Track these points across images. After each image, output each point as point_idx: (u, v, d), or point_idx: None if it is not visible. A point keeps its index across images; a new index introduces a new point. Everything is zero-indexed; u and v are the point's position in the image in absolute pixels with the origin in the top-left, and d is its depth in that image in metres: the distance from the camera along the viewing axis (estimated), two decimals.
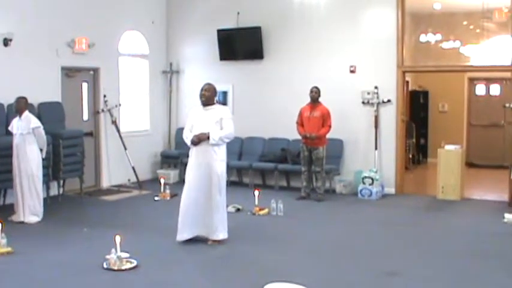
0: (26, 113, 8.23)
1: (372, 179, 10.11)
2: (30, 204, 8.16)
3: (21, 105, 8.21)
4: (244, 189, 10.66)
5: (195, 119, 7.15)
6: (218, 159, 7.02)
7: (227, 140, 7.10)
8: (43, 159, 8.40)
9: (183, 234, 7.06)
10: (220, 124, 7.01)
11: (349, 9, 10.72)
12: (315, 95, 9.81)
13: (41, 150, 8.30)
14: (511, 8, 9.87)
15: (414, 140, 14.10)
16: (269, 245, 7.18)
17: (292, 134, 10.25)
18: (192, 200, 7.02)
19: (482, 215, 9.02)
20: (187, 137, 7.11)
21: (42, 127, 8.29)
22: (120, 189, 10.90)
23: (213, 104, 7.15)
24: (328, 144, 9.88)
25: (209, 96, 7.10)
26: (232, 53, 11.71)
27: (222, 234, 7.07)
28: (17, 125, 8.20)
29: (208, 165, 6.96)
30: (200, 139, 6.94)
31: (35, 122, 8.24)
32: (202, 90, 7.13)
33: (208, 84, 7.23)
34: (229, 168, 11.15)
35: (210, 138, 6.91)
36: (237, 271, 6.15)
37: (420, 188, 11.47)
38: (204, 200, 6.98)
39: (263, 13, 11.38)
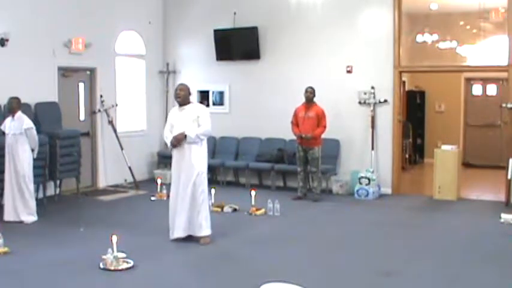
0: (19, 113, 8.22)
1: (369, 179, 10.12)
2: (24, 204, 8.15)
3: (13, 106, 8.20)
4: (241, 189, 10.67)
5: (173, 119, 7.22)
6: (198, 157, 7.06)
7: (204, 137, 7.14)
8: (34, 160, 8.39)
9: (174, 233, 7.16)
10: (197, 122, 7.06)
11: (345, 9, 10.72)
12: (310, 95, 9.81)
13: (33, 150, 8.29)
14: (507, 8, 9.87)
15: (411, 140, 14.12)
16: (265, 245, 7.18)
17: (289, 134, 10.23)
18: (178, 199, 7.11)
19: (478, 215, 9.03)
20: (167, 137, 7.19)
21: (34, 128, 8.28)
22: (116, 189, 10.90)
23: (188, 103, 7.21)
24: (323, 145, 9.87)
25: (184, 96, 7.16)
26: (229, 53, 11.70)
27: (206, 230, 7.12)
28: (9, 125, 8.19)
29: (189, 164, 7.02)
30: (178, 140, 7.00)
31: (28, 123, 8.23)
32: (176, 90, 7.21)
33: (182, 84, 7.34)
34: (225, 168, 11.27)
35: (187, 136, 6.96)
36: (234, 271, 6.15)
37: (417, 188, 11.47)
38: (188, 199, 7.04)
39: (260, 13, 11.38)
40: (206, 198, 7.23)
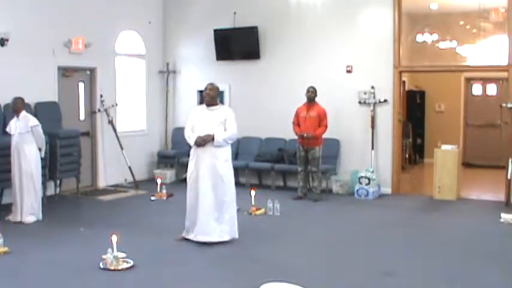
0: (24, 113, 8.23)
1: (369, 179, 10.12)
2: (28, 203, 8.15)
3: (18, 105, 8.22)
4: (241, 189, 10.57)
5: (197, 118, 7.11)
6: (221, 160, 6.98)
7: (231, 141, 7.10)
8: (42, 159, 8.40)
9: (188, 234, 7.08)
10: (224, 125, 6.99)
11: (345, 9, 10.72)
12: (312, 94, 9.81)
13: (40, 149, 8.29)
14: (507, 8, 9.87)
15: (411, 140, 14.12)
16: (265, 245, 7.17)
17: (289, 134, 10.24)
18: (196, 201, 6.99)
19: (478, 215, 9.03)
20: (190, 137, 7.05)
21: (40, 126, 8.29)
22: (116, 189, 10.89)
23: (216, 104, 7.14)
24: (324, 144, 9.87)
25: (213, 96, 7.09)
26: (229, 53, 11.70)
27: (228, 235, 7.04)
28: (15, 125, 8.19)
29: (211, 166, 6.93)
30: (205, 141, 6.89)
31: (34, 120, 8.24)
32: (206, 89, 7.10)
33: (212, 84, 7.21)
34: None
35: (215, 139, 6.88)
36: (234, 271, 6.15)
37: (417, 188, 11.48)
38: (208, 201, 6.93)
39: (260, 13, 11.38)
40: (231, 201, 7.09)
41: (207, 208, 6.93)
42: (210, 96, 7.07)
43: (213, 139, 6.88)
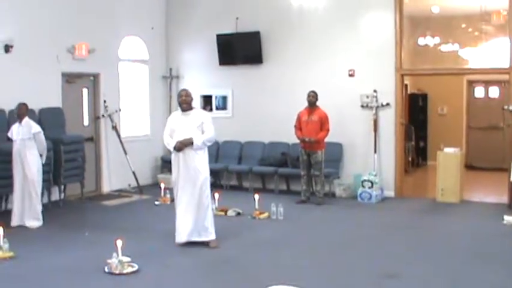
0: (26, 119, 8.28)
1: (372, 182, 10.14)
2: (30, 208, 8.20)
3: (22, 111, 8.26)
4: (244, 193, 10.69)
5: (175, 124, 7.24)
6: (203, 162, 7.13)
7: (209, 144, 7.22)
8: (43, 165, 8.44)
9: (180, 236, 7.18)
10: (202, 128, 7.11)
11: (347, 13, 10.75)
12: (312, 99, 9.84)
13: (41, 155, 8.34)
14: (509, 11, 9.89)
15: (413, 143, 14.11)
16: (269, 248, 7.20)
17: (292, 138, 10.26)
18: (184, 203, 7.14)
19: (481, 217, 9.04)
20: (169, 143, 7.21)
21: (42, 132, 8.34)
22: (120, 194, 10.93)
23: (192, 108, 7.25)
24: (327, 148, 9.90)
25: (190, 101, 7.24)
26: (232, 57, 11.74)
27: (213, 234, 7.20)
28: (17, 131, 8.24)
29: (195, 169, 7.06)
30: (185, 145, 7.02)
31: (36, 127, 8.29)
32: (182, 96, 7.21)
33: (185, 90, 7.36)
34: (229, 172, 11.31)
35: (194, 143, 7.01)
36: (238, 274, 6.18)
37: (420, 190, 11.49)
38: (195, 203, 7.09)
39: (262, 18, 11.43)
40: (210, 203, 7.30)
41: (195, 210, 7.09)
42: (187, 103, 7.20)
43: (191, 143, 6.99)
